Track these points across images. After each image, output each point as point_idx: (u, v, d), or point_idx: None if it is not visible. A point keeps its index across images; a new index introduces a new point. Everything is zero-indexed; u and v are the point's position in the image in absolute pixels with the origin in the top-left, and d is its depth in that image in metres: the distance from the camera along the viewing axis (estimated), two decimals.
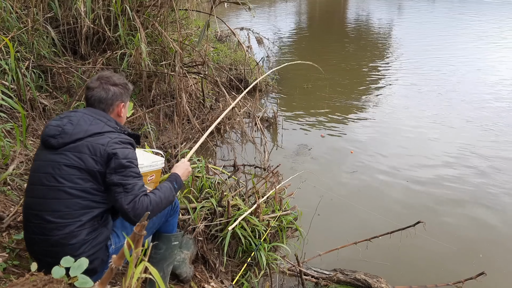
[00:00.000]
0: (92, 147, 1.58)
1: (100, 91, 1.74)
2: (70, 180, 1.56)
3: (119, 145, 1.62)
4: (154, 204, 1.62)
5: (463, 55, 9.48)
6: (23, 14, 3.87)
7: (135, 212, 1.55)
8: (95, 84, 1.75)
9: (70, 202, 1.56)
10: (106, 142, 1.60)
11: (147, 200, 1.60)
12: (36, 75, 3.72)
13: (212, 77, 5.05)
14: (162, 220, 1.97)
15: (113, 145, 1.60)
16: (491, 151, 5.01)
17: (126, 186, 1.57)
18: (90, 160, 1.57)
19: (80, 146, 1.59)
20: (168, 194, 1.73)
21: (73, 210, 1.56)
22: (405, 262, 3.26)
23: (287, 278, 2.96)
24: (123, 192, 1.56)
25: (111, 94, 1.75)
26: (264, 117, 5.70)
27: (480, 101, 6.64)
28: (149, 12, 4.59)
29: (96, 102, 1.74)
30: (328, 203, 3.89)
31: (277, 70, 2.99)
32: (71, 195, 1.56)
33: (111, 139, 1.61)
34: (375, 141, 5.39)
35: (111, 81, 1.77)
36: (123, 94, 1.80)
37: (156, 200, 1.64)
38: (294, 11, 18.44)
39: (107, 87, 1.75)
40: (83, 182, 1.57)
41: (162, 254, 2.06)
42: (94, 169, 1.57)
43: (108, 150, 1.58)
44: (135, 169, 1.63)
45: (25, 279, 1.09)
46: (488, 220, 3.78)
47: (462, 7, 16.72)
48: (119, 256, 0.92)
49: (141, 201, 1.58)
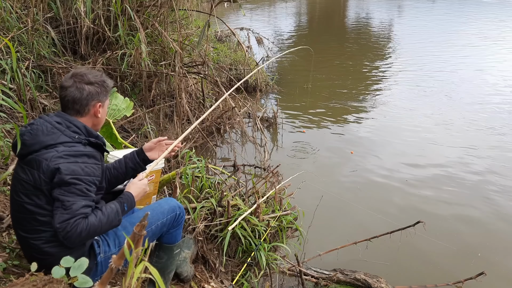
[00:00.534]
0: (38, 162, 1.48)
1: (74, 90, 1.60)
2: (27, 196, 1.50)
3: (64, 159, 1.47)
4: (92, 229, 1.46)
5: (464, 55, 9.48)
6: (23, 14, 3.87)
7: (65, 234, 1.41)
8: (69, 83, 1.61)
9: (30, 218, 1.50)
10: (50, 157, 1.47)
11: (84, 224, 1.44)
12: (36, 75, 3.72)
13: (212, 77, 5.05)
14: (164, 230, 1.91)
15: (56, 160, 1.46)
16: (491, 152, 5.01)
17: (64, 202, 1.43)
18: (36, 176, 1.47)
19: (32, 160, 1.49)
20: (112, 218, 1.55)
21: (35, 226, 1.50)
22: (405, 262, 3.26)
23: (287, 278, 2.96)
24: (60, 208, 1.43)
25: (85, 93, 1.61)
26: (264, 117, 5.70)
27: (481, 102, 6.64)
28: (149, 12, 4.59)
29: (70, 103, 1.61)
30: (328, 203, 3.88)
31: (271, 61, 2.96)
32: (30, 212, 1.50)
33: (56, 153, 1.48)
34: (375, 141, 5.39)
35: (86, 79, 1.63)
36: (100, 93, 1.66)
37: (95, 225, 1.47)
38: (294, 11, 18.44)
39: (81, 86, 1.61)
40: (37, 199, 1.49)
41: (163, 264, 2.02)
42: (41, 186, 1.47)
43: (50, 166, 1.46)
44: (82, 187, 1.47)
45: (25, 279, 1.09)
46: (488, 220, 3.78)
47: (462, 8, 16.71)
48: (119, 256, 0.92)
49: (76, 223, 1.42)
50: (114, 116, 2.93)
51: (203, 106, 5.11)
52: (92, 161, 1.55)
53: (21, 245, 1.60)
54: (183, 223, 2.03)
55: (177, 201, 2.05)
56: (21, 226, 1.54)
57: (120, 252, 0.91)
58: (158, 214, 1.85)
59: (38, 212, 1.50)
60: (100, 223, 1.49)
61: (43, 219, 1.49)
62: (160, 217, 1.85)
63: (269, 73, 7.94)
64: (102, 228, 1.51)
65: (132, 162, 1.89)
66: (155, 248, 2.04)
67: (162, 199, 2.03)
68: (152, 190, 2.56)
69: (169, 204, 1.92)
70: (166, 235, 1.96)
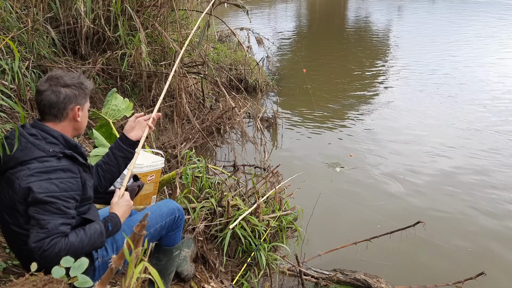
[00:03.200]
0: (12, 181, 1.41)
1: (50, 94, 1.51)
2: (8, 215, 1.46)
3: (36, 177, 1.39)
4: (72, 249, 1.37)
5: (464, 56, 9.47)
6: (23, 14, 3.87)
7: (41, 254, 1.33)
8: (44, 87, 1.52)
9: (16, 237, 1.47)
10: (21, 176, 1.39)
11: (63, 243, 1.36)
12: (36, 75, 3.72)
13: (212, 77, 5.05)
14: (162, 233, 1.89)
15: (28, 179, 1.38)
16: (491, 152, 5.00)
17: (40, 221, 1.35)
18: (12, 195, 1.41)
19: (7, 178, 1.43)
20: (95, 239, 1.47)
21: (23, 245, 1.42)
22: (405, 262, 3.26)
23: (287, 278, 2.96)
24: (36, 227, 1.35)
25: (62, 97, 1.52)
26: (264, 117, 5.70)
27: (482, 102, 6.63)
28: (149, 12, 4.59)
29: (47, 108, 1.52)
30: (328, 203, 3.89)
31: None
32: (15, 232, 1.46)
33: (28, 171, 1.39)
34: (375, 142, 5.39)
35: (62, 82, 1.53)
36: (78, 96, 1.56)
37: (74, 245, 1.39)
38: (294, 11, 18.44)
39: (57, 90, 1.51)
40: (16, 220, 1.44)
41: (163, 266, 2.01)
42: (16, 207, 1.41)
43: (22, 185, 1.38)
44: (59, 204, 1.38)
45: (25, 279, 1.08)
46: (488, 220, 3.78)
47: (462, 8, 16.71)
48: (119, 257, 0.92)
49: (53, 243, 1.34)
50: (114, 116, 2.93)
51: (203, 106, 5.11)
52: (68, 175, 1.45)
53: (17, 258, 1.56)
54: (183, 225, 2.02)
55: (177, 202, 2.03)
56: (12, 244, 1.51)
57: (120, 252, 0.91)
58: (157, 217, 1.83)
59: (21, 232, 1.43)
60: (81, 243, 1.42)
61: (27, 239, 1.39)
62: (159, 221, 1.83)
63: (269, 73, 7.94)
64: (83, 249, 1.43)
65: (119, 150, 1.78)
66: (155, 250, 2.03)
67: (161, 201, 2.01)
68: (152, 190, 2.56)
69: (168, 207, 1.89)
70: (165, 238, 1.94)
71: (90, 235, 1.46)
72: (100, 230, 1.50)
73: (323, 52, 10.29)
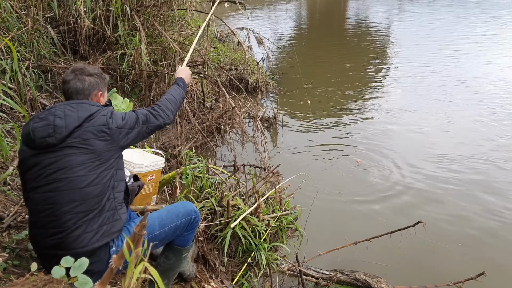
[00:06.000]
0: (94, 130, 1.62)
1: (76, 82, 1.75)
2: (79, 171, 1.59)
3: (112, 117, 1.71)
4: (167, 103, 1.97)
5: (465, 56, 9.47)
6: (23, 14, 3.86)
7: (166, 121, 1.91)
8: (70, 77, 1.75)
9: (84, 192, 1.58)
10: (104, 121, 1.66)
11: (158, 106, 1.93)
12: (36, 75, 3.72)
13: (212, 77, 5.05)
14: (176, 234, 1.91)
15: (110, 121, 1.68)
16: (492, 153, 5.00)
17: (139, 118, 1.80)
18: (97, 142, 1.62)
19: (82, 133, 1.61)
20: (176, 92, 2.09)
21: (88, 198, 1.59)
22: (405, 262, 3.26)
23: (287, 278, 2.96)
24: (142, 121, 1.80)
25: (87, 84, 1.76)
26: (264, 117, 5.70)
27: (483, 103, 6.62)
28: (149, 12, 4.59)
29: (74, 94, 1.75)
30: (328, 203, 3.89)
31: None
32: (84, 185, 1.59)
33: (105, 116, 1.68)
34: (376, 141, 5.39)
35: (86, 71, 1.79)
36: (100, 84, 1.82)
37: (166, 99, 2.00)
38: (294, 11, 18.44)
39: (82, 78, 1.76)
40: (94, 169, 1.61)
41: (171, 265, 2.03)
42: (105, 148, 1.64)
43: (110, 126, 1.66)
44: (131, 119, 1.78)
45: (25, 279, 1.08)
46: (488, 220, 3.78)
47: (462, 9, 16.71)
48: (119, 256, 0.92)
49: (154, 108, 1.91)
50: None
51: (203, 106, 5.11)
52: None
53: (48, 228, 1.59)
54: (196, 228, 2.04)
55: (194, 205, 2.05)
56: (66, 204, 1.56)
57: (120, 252, 0.91)
58: (173, 216, 1.87)
59: (94, 182, 1.61)
60: (170, 95, 2.04)
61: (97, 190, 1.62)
62: (175, 220, 1.87)
63: (269, 73, 7.94)
64: (176, 102, 2.04)
65: None
66: (164, 248, 2.04)
67: (179, 202, 2.06)
68: (152, 190, 2.56)
69: (185, 208, 1.93)
70: (179, 237, 1.96)
71: (169, 91, 2.07)
72: (174, 89, 2.13)
73: (323, 52, 10.29)
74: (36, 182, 1.59)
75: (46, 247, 1.59)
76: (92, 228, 1.58)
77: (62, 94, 1.84)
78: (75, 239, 1.55)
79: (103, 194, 1.62)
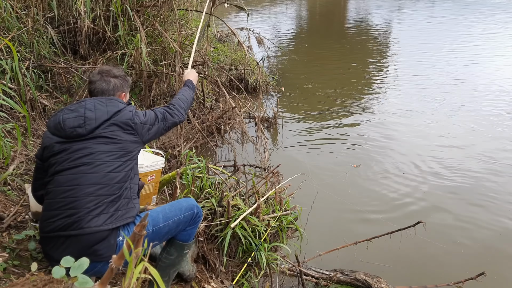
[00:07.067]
0: (122, 123, 1.77)
1: (102, 83, 1.88)
2: (106, 157, 1.70)
3: (137, 113, 1.87)
4: (180, 103, 2.14)
5: (465, 56, 9.46)
6: (23, 14, 3.87)
7: (180, 119, 2.08)
8: (97, 78, 1.89)
9: (109, 177, 1.68)
10: (130, 116, 1.81)
11: (173, 105, 2.11)
12: (36, 75, 3.72)
13: (212, 77, 5.04)
14: (179, 228, 1.94)
15: (135, 117, 1.83)
16: (492, 154, 4.99)
17: (158, 116, 1.97)
18: (123, 134, 1.77)
19: (110, 125, 1.75)
20: (187, 92, 2.26)
21: (111, 183, 1.69)
22: (405, 262, 3.26)
23: (287, 278, 2.96)
24: (160, 118, 1.96)
25: (112, 85, 1.90)
26: (264, 117, 5.69)
27: (483, 104, 6.61)
28: (149, 12, 4.59)
29: (99, 94, 1.87)
30: (328, 203, 3.89)
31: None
32: (110, 170, 1.69)
33: (131, 112, 1.83)
34: (376, 141, 5.39)
35: (111, 73, 1.92)
36: (123, 85, 1.96)
37: (179, 99, 2.17)
38: (294, 12, 18.44)
39: (108, 79, 1.89)
40: (119, 158, 1.73)
41: (172, 260, 2.04)
42: (130, 140, 1.78)
43: (135, 121, 1.82)
44: (151, 117, 1.94)
45: (25, 279, 1.08)
46: (488, 220, 3.78)
47: (462, 9, 16.70)
48: (119, 256, 0.92)
49: (170, 107, 2.07)
50: None
51: (203, 106, 5.11)
52: None
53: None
54: (199, 224, 2.07)
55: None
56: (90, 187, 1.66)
57: (120, 252, 0.90)
58: (176, 210, 1.92)
59: (117, 169, 1.73)
60: (182, 96, 2.22)
61: (120, 175, 1.73)
62: (178, 213, 1.91)
63: (269, 73, 7.94)
64: (186, 98, 2.23)
65: None
66: (166, 244, 2.05)
67: (182, 198, 2.12)
68: (152, 190, 2.56)
69: (187, 203, 1.98)
70: (182, 232, 1.99)
71: (180, 92, 2.26)
72: (185, 89, 2.31)
73: (323, 52, 10.29)
74: (62, 166, 1.67)
75: (57, 229, 1.62)
76: (109, 211, 1.65)
77: (88, 92, 1.98)
78: (91, 218, 1.61)
79: (124, 182, 1.73)
